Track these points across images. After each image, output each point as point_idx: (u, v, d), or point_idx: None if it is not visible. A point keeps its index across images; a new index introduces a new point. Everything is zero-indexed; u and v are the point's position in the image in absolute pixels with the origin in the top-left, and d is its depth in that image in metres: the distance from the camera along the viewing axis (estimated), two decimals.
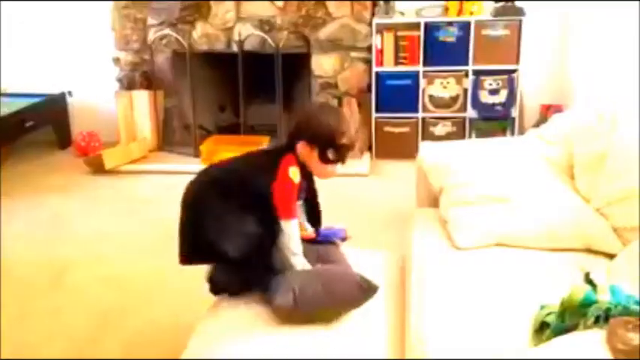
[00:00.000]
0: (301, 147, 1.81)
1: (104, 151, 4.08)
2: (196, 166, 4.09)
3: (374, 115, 4.22)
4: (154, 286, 2.68)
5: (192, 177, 1.87)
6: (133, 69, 4.45)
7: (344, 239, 2.05)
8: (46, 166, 4.23)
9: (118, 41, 4.40)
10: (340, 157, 1.83)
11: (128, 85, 4.45)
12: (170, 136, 4.50)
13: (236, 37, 4.24)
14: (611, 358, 1.22)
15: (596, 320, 1.33)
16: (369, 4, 4.14)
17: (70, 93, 4.62)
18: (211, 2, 4.24)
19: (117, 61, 4.44)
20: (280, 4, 4.19)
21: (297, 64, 4.30)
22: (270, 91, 4.26)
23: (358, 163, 4.03)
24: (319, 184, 1.96)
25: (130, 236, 3.18)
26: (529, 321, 1.53)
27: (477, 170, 2.11)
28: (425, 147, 2.41)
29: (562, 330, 1.38)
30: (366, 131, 4.23)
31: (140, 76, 4.45)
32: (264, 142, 4.20)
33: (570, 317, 1.39)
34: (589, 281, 1.51)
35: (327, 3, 4.15)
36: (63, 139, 4.59)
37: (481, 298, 1.68)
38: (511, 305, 1.61)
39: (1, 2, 4.54)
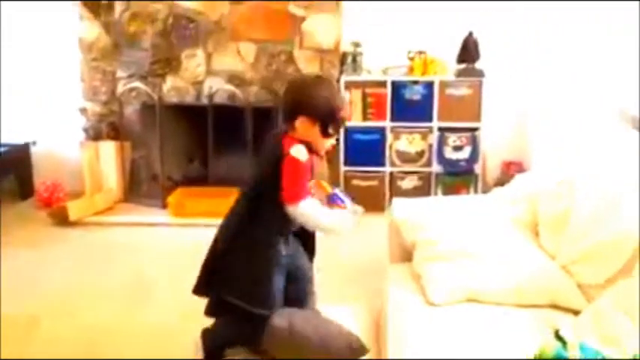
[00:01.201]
0: (301, 123, 1.77)
1: (69, 202, 4.04)
2: (163, 217, 4.11)
3: (342, 168, 4.33)
4: (125, 336, 2.64)
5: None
6: (100, 120, 4.46)
7: None
8: (7, 217, 4.15)
9: (86, 92, 4.42)
10: (338, 130, 1.81)
11: (94, 135, 4.46)
12: (136, 188, 4.49)
13: (206, 91, 4.32)
14: None
15: None
16: (337, 61, 4.30)
17: (34, 143, 4.58)
18: (182, 56, 4.33)
19: (84, 111, 4.45)
20: (250, 59, 4.32)
21: (266, 118, 4.40)
22: (239, 143, 4.32)
23: None
24: None
25: (100, 288, 3.14)
26: None
27: (448, 227, 2.20)
28: (397, 203, 2.49)
29: None
30: (335, 184, 4.31)
31: (107, 127, 4.47)
32: (233, 194, 4.23)
33: None
34: (559, 338, 1.59)
35: (297, 60, 4.29)
36: (25, 189, 4.53)
37: (455, 353, 1.73)
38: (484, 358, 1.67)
39: None
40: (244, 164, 4.32)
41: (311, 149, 1.81)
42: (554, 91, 3.87)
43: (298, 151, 1.75)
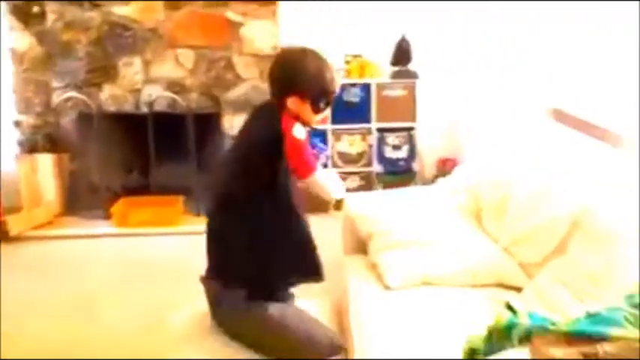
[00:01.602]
0: (292, 102, 1.77)
1: (8, 217, 3.94)
2: (106, 228, 4.08)
3: None
4: (73, 351, 2.63)
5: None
6: (35, 132, 4.37)
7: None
8: None
9: (20, 104, 4.32)
10: (330, 104, 1.83)
11: (30, 148, 4.35)
12: (76, 200, 4.42)
13: (145, 99, 4.32)
14: None
15: (520, 341, 1.57)
16: None
17: None
18: (119, 64, 4.31)
19: (18, 124, 4.34)
20: (189, 66, 4.35)
21: (208, 124, 4.44)
22: (181, 151, 4.35)
23: None
24: None
25: (46, 302, 3.09)
26: (460, 350, 1.73)
27: (400, 217, 2.35)
28: (351, 198, 2.63)
29: (490, 353, 1.60)
30: None
31: (43, 139, 4.37)
32: (177, 202, 4.26)
33: (497, 341, 1.61)
34: (510, 308, 1.76)
35: (236, 65, 4.37)
36: None
37: (415, 333, 1.87)
38: (442, 338, 1.82)
39: None
40: (187, 172, 4.35)
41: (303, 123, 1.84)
42: (485, 90, 4.13)
43: (298, 131, 1.78)
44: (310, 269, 1.91)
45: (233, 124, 4.42)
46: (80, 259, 3.68)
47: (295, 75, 1.81)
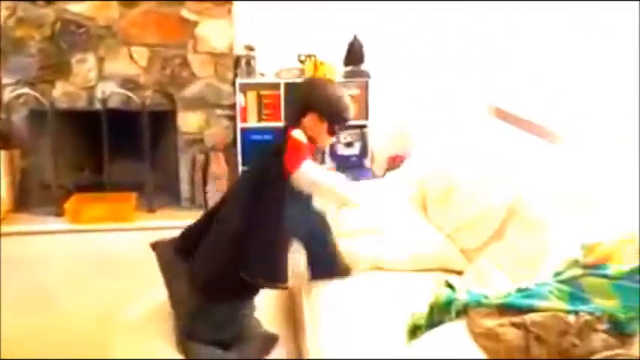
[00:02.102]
0: (310, 120, 1.95)
1: None
2: (59, 225, 4.09)
3: (240, 168, 4.53)
4: (29, 348, 2.66)
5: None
6: None
7: None
8: None
9: None
10: (342, 129, 2.02)
11: None
12: (27, 197, 4.40)
13: (99, 96, 4.35)
14: (472, 341, 1.61)
15: (458, 314, 1.73)
16: (231, 65, 4.49)
17: None
18: (72, 61, 4.32)
19: None
20: (144, 63, 4.40)
21: (162, 122, 4.50)
22: (135, 148, 4.39)
23: None
24: None
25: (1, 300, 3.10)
26: (404, 326, 1.89)
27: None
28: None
29: (432, 326, 1.76)
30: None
31: None
32: (130, 198, 4.30)
33: (437, 315, 1.77)
34: (449, 285, 1.93)
35: (191, 63, 4.44)
36: None
37: (364, 314, 2.02)
38: (389, 316, 1.97)
39: None
40: (141, 169, 4.40)
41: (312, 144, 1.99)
42: (434, 89, 4.34)
43: (300, 134, 1.94)
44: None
45: (188, 121, 4.50)
46: (32, 255, 3.68)
47: (320, 96, 2.01)
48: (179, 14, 4.38)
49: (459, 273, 2.33)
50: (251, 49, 4.55)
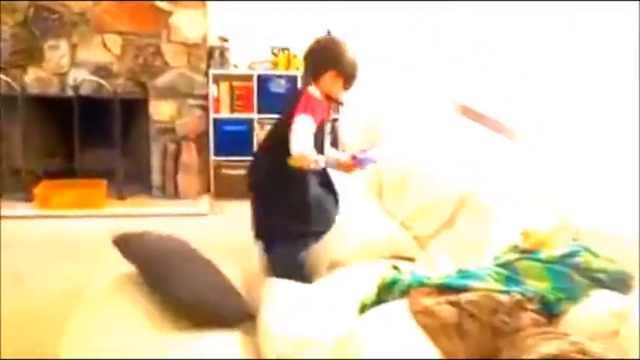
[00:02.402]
0: (329, 76, 2.15)
1: None
2: (28, 210, 4.13)
3: (212, 158, 4.60)
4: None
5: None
6: None
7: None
8: None
9: None
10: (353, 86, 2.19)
11: None
12: None
13: (71, 82, 4.38)
14: (411, 317, 1.71)
15: (402, 294, 1.84)
16: (204, 55, 4.56)
17: None
18: (45, 47, 4.35)
19: None
20: (117, 51, 4.44)
21: (134, 110, 4.55)
22: (106, 135, 4.44)
23: (197, 203, 4.36)
24: None
25: None
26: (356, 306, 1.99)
27: None
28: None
29: (377, 304, 1.86)
30: (205, 173, 4.59)
31: None
32: (101, 185, 4.35)
33: (383, 295, 1.88)
34: (395, 267, 2.03)
35: (165, 52, 4.49)
36: None
37: (317, 301, 2.11)
38: (343, 299, 2.06)
39: None
40: (112, 156, 4.44)
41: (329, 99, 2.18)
42: (404, 86, 4.45)
43: (315, 90, 2.14)
44: None
45: (160, 110, 4.55)
46: (2, 239, 3.72)
47: (339, 55, 2.20)
48: (153, 4, 4.43)
49: (411, 259, 2.44)
50: (225, 40, 4.62)
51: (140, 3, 4.41)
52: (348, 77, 2.24)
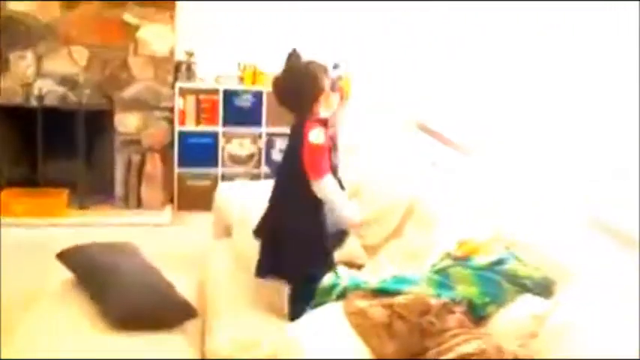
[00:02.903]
0: (323, 98, 2.18)
1: None
2: None
3: (176, 170, 4.67)
4: None
5: None
6: None
7: None
8: None
9: None
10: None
11: None
12: None
13: (36, 93, 4.43)
14: (345, 319, 1.81)
15: (339, 297, 1.93)
16: (171, 69, 4.65)
17: None
18: (10, 57, 4.40)
19: None
20: (83, 63, 4.51)
21: (100, 121, 4.60)
22: (71, 146, 4.48)
23: (160, 214, 4.42)
24: None
25: None
26: None
27: (260, 206, 2.68)
28: (222, 186, 2.94)
29: (316, 307, 1.96)
30: (169, 185, 4.66)
31: None
32: (62, 194, 4.39)
33: (321, 298, 1.98)
34: (335, 272, 2.13)
35: (131, 65, 4.57)
36: None
37: (259, 308, 2.19)
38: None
39: None
40: (76, 167, 4.49)
41: (326, 124, 2.21)
42: (368, 102, 4.58)
43: (317, 136, 2.14)
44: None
45: (125, 122, 4.62)
46: None
47: (319, 76, 2.24)
48: (121, 18, 4.51)
49: (359, 267, 2.53)
50: (191, 54, 4.71)
51: (108, 17, 4.49)
52: (332, 85, 2.28)
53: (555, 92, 2.67)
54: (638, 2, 1.92)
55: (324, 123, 2.26)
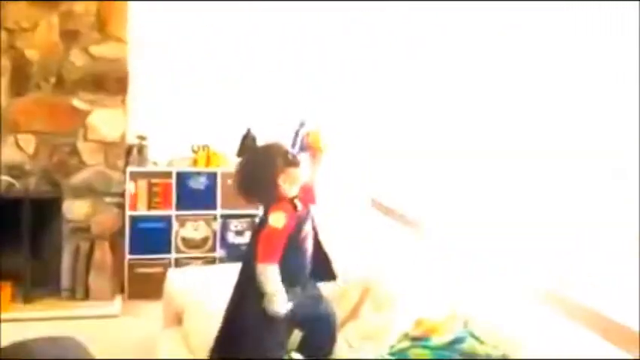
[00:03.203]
0: (283, 181, 2.16)
1: None
2: None
3: (127, 257, 4.54)
4: None
5: None
6: None
7: None
8: None
9: None
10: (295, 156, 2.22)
11: None
12: None
13: None
14: None
15: None
16: (122, 153, 4.61)
17: None
18: None
19: None
20: (30, 151, 4.43)
21: (47, 209, 4.48)
22: (16, 237, 4.32)
23: (110, 304, 4.25)
24: None
25: None
26: None
27: (212, 290, 2.60)
28: (172, 272, 2.85)
29: None
30: (119, 273, 4.50)
31: None
32: (5, 288, 4.19)
33: None
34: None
35: (81, 151, 4.51)
36: None
37: None
38: None
39: None
40: (21, 258, 4.31)
41: (294, 204, 2.20)
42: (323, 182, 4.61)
43: (276, 219, 2.12)
44: None
45: (74, 209, 4.50)
46: None
47: (264, 168, 2.25)
48: (70, 103, 4.49)
49: None
50: (143, 138, 4.70)
51: (57, 103, 4.47)
52: (287, 164, 2.26)
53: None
54: (638, 2, 1.93)
55: (292, 202, 2.24)
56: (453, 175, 3.12)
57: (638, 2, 1.88)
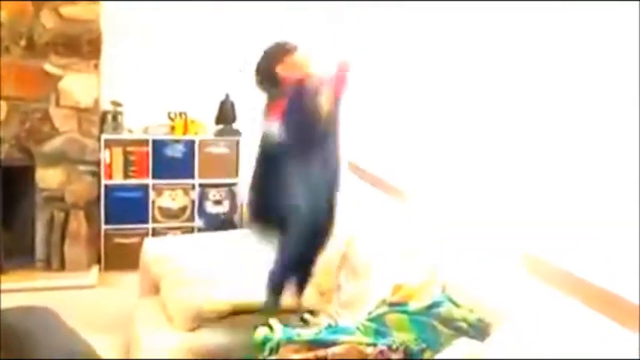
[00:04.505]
0: (284, 68, 2.43)
1: None
2: None
3: (103, 227, 4.56)
4: None
5: None
6: None
7: None
8: None
9: None
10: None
11: None
12: None
13: None
14: None
15: (272, 351, 1.92)
16: (96, 120, 4.59)
17: None
18: None
19: None
20: (1, 117, 4.40)
21: (19, 177, 4.47)
22: None
23: (86, 275, 4.29)
24: None
25: None
26: None
27: (189, 258, 2.66)
28: (148, 241, 2.89)
29: None
30: (95, 243, 4.53)
31: None
32: None
33: (254, 353, 1.96)
34: (269, 326, 2.12)
35: (53, 117, 4.49)
36: None
37: None
38: None
39: None
40: None
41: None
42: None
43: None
44: None
45: (47, 177, 4.50)
46: None
47: (274, 51, 2.53)
48: (42, 68, 4.45)
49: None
50: (118, 104, 4.68)
51: (28, 67, 4.42)
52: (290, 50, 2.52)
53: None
54: (638, 2, 1.97)
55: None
56: (440, 146, 3.16)
57: (638, 2, 1.92)
